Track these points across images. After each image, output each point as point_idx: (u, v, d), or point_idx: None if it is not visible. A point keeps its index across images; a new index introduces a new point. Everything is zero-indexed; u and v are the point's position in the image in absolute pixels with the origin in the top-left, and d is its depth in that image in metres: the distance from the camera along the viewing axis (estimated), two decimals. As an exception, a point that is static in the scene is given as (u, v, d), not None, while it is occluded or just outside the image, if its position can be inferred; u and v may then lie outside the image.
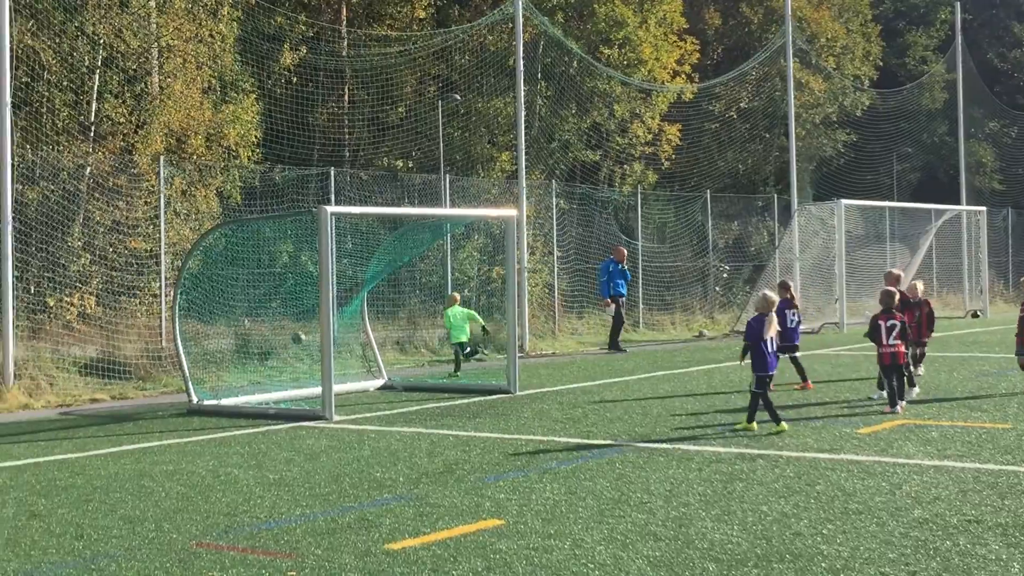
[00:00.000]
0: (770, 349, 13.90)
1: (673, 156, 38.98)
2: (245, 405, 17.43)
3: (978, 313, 39.79)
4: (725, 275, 38.73)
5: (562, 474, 11.33)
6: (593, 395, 18.24)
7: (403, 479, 11.25)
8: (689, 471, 11.33)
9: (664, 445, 13.01)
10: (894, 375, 15.55)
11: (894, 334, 15.48)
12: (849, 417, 15.03)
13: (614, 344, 27.33)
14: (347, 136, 33.44)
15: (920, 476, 10.86)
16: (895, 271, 18.36)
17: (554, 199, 31.85)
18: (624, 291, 27.92)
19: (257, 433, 14.81)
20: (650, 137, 38.01)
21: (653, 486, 10.60)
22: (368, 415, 16.52)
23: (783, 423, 13.77)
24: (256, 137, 28.41)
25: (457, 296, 23.24)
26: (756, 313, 14.17)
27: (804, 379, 18.44)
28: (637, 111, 37.45)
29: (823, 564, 7.81)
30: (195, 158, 25.77)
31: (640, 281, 34.06)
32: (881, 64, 50.59)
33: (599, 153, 37.41)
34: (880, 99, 48.21)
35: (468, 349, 22.34)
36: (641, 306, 34.03)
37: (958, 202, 45.82)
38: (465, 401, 17.86)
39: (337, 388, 17.11)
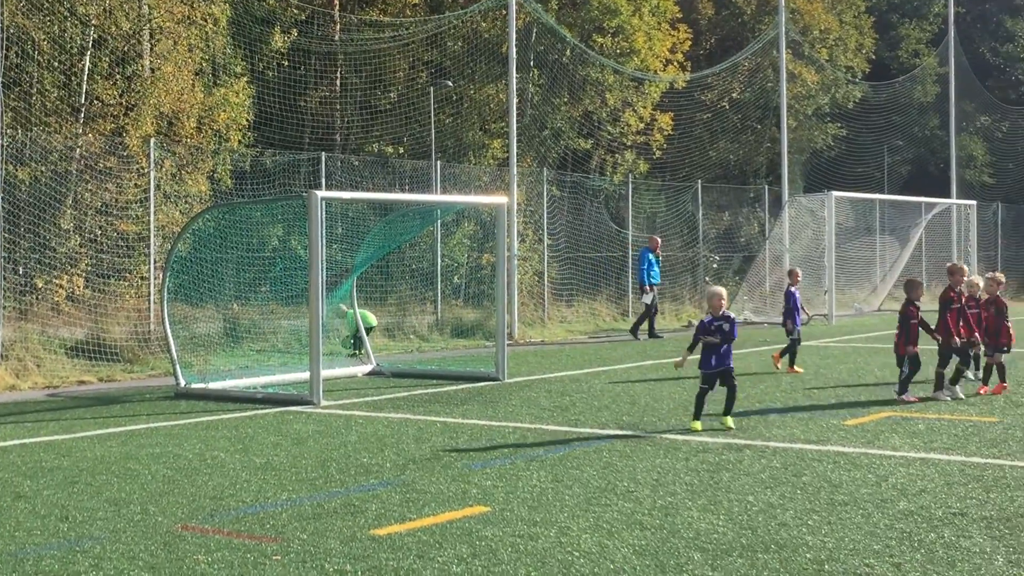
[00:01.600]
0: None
1: (665, 145, 38.97)
2: (232, 389, 17.40)
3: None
4: (715, 265, 38.74)
5: (549, 462, 11.34)
6: (581, 383, 18.25)
7: (390, 465, 11.25)
8: (676, 460, 11.34)
9: (652, 434, 13.02)
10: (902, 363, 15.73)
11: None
12: (836, 409, 15.04)
13: (637, 331, 28.09)
14: (338, 121, 33.37)
15: (906, 468, 10.88)
16: (961, 264, 17.03)
17: (545, 187, 31.83)
18: (657, 280, 28.76)
19: (244, 417, 14.79)
20: (642, 126, 37.99)
21: (640, 475, 10.61)
22: (356, 400, 16.51)
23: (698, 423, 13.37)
24: (247, 120, 28.34)
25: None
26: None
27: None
28: (629, 100, 37.42)
29: (808, 555, 7.82)
30: (186, 141, 25.70)
31: (630, 270, 34.09)
32: (874, 57, 50.59)
33: (591, 142, 37.39)
34: (872, 91, 48.23)
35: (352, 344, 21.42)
36: (630, 295, 34.06)
37: (948, 195, 45.87)
38: (453, 388, 17.85)
39: (325, 373, 17.12)
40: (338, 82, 33.54)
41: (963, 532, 8.43)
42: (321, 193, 16.67)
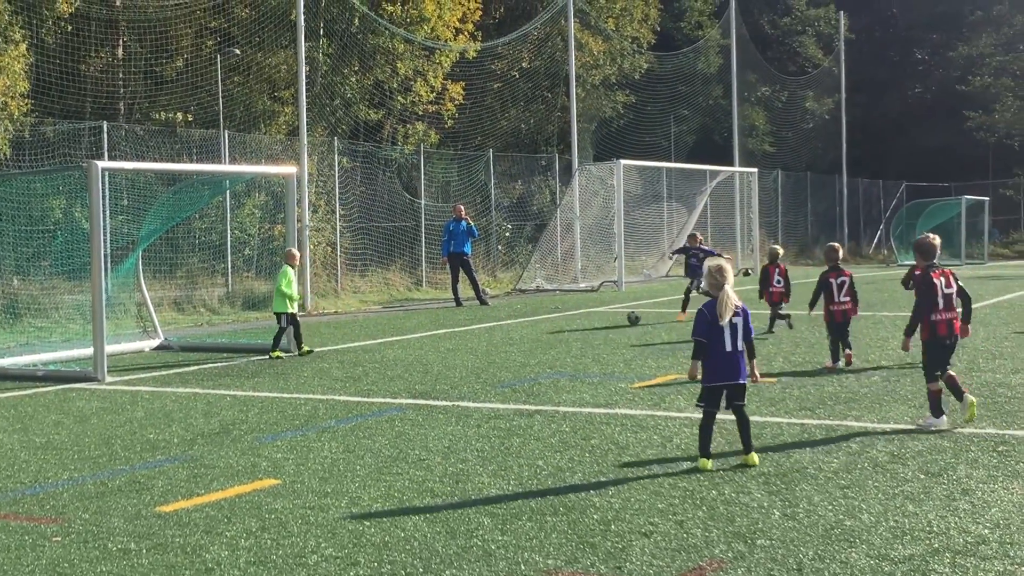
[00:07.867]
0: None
1: (456, 115, 39.05)
2: (12, 367, 16.80)
3: (749, 271, 41.10)
4: (508, 234, 39.09)
5: (340, 432, 11.29)
6: (374, 353, 18.20)
7: (177, 440, 11.03)
8: (468, 428, 11.42)
9: (443, 402, 13.08)
10: (841, 333, 15.35)
11: (844, 291, 15.36)
12: (624, 373, 15.36)
13: (481, 296, 28.74)
14: (122, 89, 32.41)
15: (690, 429, 11.16)
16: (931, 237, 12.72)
17: (336, 157, 31.58)
18: (465, 248, 28.85)
19: (24, 396, 14.30)
20: (433, 96, 37.98)
21: (431, 443, 10.65)
22: (142, 376, 16.12)
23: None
24: (25, 88, 27.28)
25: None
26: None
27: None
28: (420, 69, 37.34)
29: (595, 516, 7.98)
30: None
31: (423, 240, 34.13)
32: (659, 28, 51.60)
33: (382, 111, 37.21)
34: (658, 62, 49.22)
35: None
36: (424, 264, 34.12)
37: (731, 163, 47.24)
38: (244, 361, 17.61)
39: (110, 348, 16.67)
40: (120, 49, 32.54)
41: (742, 488, 8.72)
42: (102, 163, 16.22)
